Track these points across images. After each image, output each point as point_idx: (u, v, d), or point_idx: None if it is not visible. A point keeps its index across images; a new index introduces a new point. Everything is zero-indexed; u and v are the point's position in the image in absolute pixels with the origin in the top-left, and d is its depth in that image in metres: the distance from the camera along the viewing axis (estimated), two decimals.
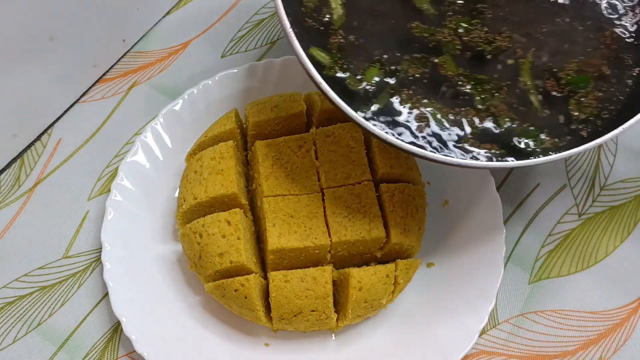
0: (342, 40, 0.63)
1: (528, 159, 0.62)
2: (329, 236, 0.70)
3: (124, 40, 0.92)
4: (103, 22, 0.86)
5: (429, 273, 0.77)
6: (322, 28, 0.63)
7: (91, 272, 0.79)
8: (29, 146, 0.86)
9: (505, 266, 0.76)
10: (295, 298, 0.68)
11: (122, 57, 0.93)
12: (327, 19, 0.63)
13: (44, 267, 0.79)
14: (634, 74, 0.65)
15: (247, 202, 0.76)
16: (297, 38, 0.59)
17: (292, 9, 0.61)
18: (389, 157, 0.75)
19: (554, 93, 0.64)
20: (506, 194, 0.83)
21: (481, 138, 0.63)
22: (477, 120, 0.63)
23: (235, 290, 0.69)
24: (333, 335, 0.74)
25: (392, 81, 0.62)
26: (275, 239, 0.69)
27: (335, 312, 0.70)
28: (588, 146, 0.60)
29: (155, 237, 0.78)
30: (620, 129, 0.60)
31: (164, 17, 0.96)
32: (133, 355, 0.74)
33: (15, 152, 0.85)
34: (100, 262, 0.75)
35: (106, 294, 0.75)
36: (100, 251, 0.75)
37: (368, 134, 0.74)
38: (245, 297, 0.68)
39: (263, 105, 0.79)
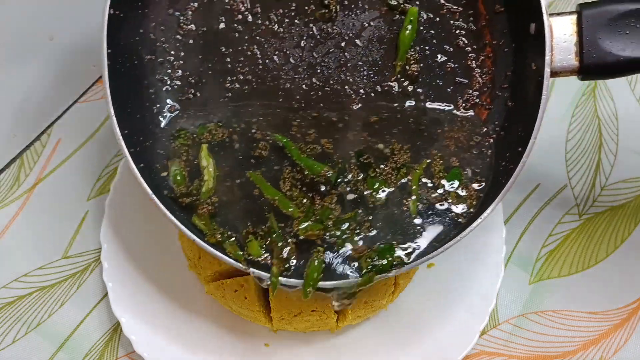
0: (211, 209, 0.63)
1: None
2: None
3: None
4: (103, 22, 0.86)
5: (429, 273, 0.77)
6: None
7: (91, 272, 0.79)
8: (28, 146, 0.86)
9: (505, 266, 0.76)
10: (295, 298, 0.68)
11: None
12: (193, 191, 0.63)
13: (43, 267, 0.79)
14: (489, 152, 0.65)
15: None
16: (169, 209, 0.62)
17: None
18: None
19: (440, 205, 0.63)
20: (506, 194, 0.83)
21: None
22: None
23: (235, 291, 0.68)
24: (333, 335, 0.74)
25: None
26: None
27: (335, 312, 0.70)
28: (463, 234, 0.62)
29: (155, 237, 0.78)
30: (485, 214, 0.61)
31: None
32: (133, 355, 0.74)
33: (14, 152, 0.85)
34: (100, 262, 0.75)
35: (106, 294, 0.75)
36: (100, 251, 0.75)
37: None
38: (245, 298, 0.68)
39: None
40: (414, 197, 0.63)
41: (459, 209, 0.63)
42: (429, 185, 0.63)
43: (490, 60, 0.66)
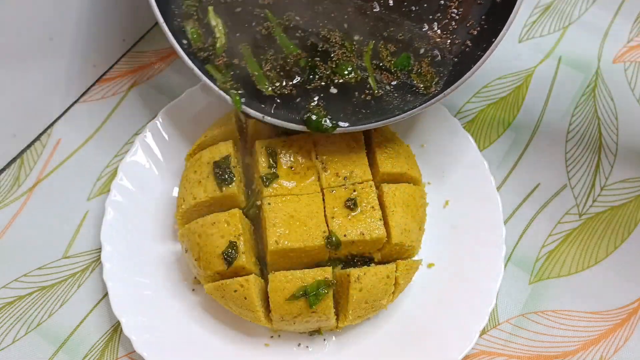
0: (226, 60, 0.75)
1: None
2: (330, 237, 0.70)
3: (123, 40, 0.92)
4: (103, 22, 0.86)
5: (429, 273, 0.77)
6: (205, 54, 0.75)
7: (91, 272, 0.79)
8: (28, 146, 0.86)
9: (505, 266, 0.76)
10: (295, 299, 0.68)
11: (122, 57, 0.93)
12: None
13: (43, 267, 0.79)
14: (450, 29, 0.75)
15: (246, 203, 0.75)
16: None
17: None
18: (389, 157, 0.75)
19: (393, 83, 0.74)
20: (506, 194, 0.83)
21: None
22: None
23: (235, 291, 0.68)
24: (333, 335, 0.74)
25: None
26: (275, 240, 0.69)
27: (335, 312, 0.70)
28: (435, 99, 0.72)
29: (154, 237, 0.78)
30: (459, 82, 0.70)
31: None
32: (133, 355, 0.74)
33: (15, 152, 0.85)
34: (100, 262, 0.75)
35: (106, 294, 0.75)
36: (100, 251, 0.75)
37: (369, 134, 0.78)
38: (245, 298, 0.68)
39: None
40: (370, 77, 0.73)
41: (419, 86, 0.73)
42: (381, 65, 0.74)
43: None
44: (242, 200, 0.75)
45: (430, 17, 0.75)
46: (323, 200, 0.72)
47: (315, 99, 0.72)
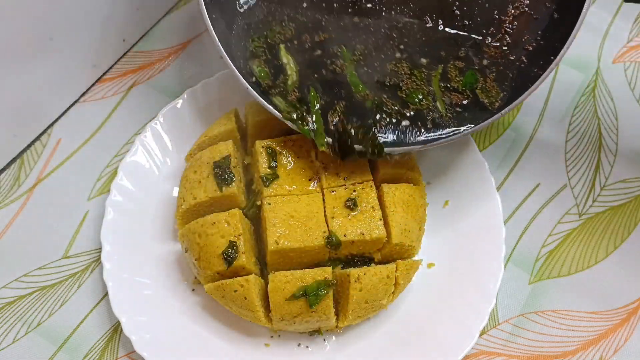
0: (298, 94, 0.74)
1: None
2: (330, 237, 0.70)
3: (124, 40, 0.92)
4: (103, 22, 0.86)
5: (429, 273, 0.77)
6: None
7: (91, 272, 0.79)
8: (28, 146, 0.86)
9: (505, 266, 0.76)
10: (295, 299, 0.68)
11: (122, 57, 0.93)
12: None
13: (43, 267, 0.79)
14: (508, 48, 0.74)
15: (246, 203, 0.75)
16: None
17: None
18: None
19: (464, 102, 0.73)
20: (506, 194, 0.83)
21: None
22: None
23: (235, 291, 0.68)
24: (333, 335, 0.74)
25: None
26: (275, 240, 0.69)
27: (335, 312, 0.70)
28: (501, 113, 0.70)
29: (154, 237, 0.78)
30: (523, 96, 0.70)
31: (164, 16, 0.96)
32: (133, 355, 0.74)
33: (15, 152, 0.85)
34: (100, 262, 0.75)
35: (106, 294, 0.75)
36: (100, 251, 0.75)
37: None
38: (245, 298, 0.68)
39: None
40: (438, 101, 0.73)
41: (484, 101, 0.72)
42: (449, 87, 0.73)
43: None
44: (242, 200, 0.75)
45: (484, 31, 0.74)
46: (323, 200, 0.72)
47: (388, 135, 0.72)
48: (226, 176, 0.73)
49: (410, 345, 0.72)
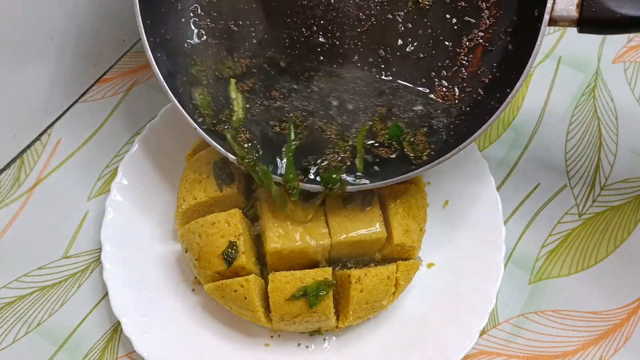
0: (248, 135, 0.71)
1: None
2: (329, 237, 0.70)
3: (124, 40, 0.92)
4: (103, 22, 0.86)
5: (429, 273, 0.77)
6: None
7: (91, 272, 0.79)
8: (28, 146, 0.86)
9: (505, 266, 0.76)
10: (295, 299, 0.68)
11: (122, 57, 0.93)
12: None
13: (43, 267, 0.79)
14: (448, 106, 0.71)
15: (246, 203, 0.75)
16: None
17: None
18: None
19: (392, 156, 0.70)
20: (506, 194, 0.83)
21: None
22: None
23: (235, 291, 0.68)
24: (334, 336, 0.74)
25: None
26: (275, 240, 0.69)
27: (335, 313, 0.70)
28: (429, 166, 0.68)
29: (154, 237, 0.78)
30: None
31: None
32: (133, 355, 0.74)
33: (15, 152, 0.85)
34: (100, 262, 0.75)
35: (106, 294, 0.75)
36: (100, 251, 0.75)
37: None
38: (245, 298, 0.68)
39: None
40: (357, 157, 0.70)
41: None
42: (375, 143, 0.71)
43: (499, 2, 0.70)
44: (242, 200, 0.75)
45: (440, 64, 0.72)
46: (323, 200, 0.72)
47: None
48: (226, 176, 0.73)
49: (410, 345, 0.72)
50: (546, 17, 0.63)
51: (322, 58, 0.73)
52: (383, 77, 0.73)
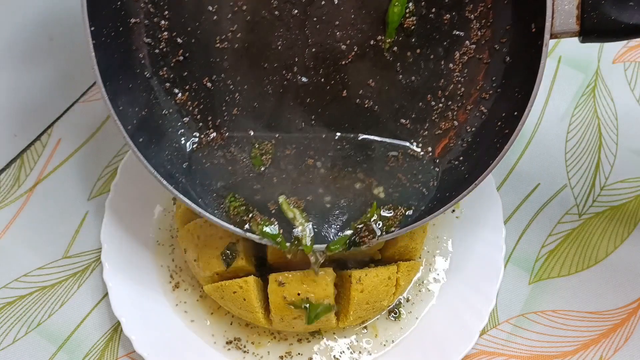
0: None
1: None
2: None
3: None
4: None
5: (429, 274, 0.77)
6: None
7: (91, 272, 0.79)
8: (28, 146, 0.86)
9: (505, 266, 0.76)
10: (295, 300, 0.68)
11: None
12: None
13: (43, 267, 0.79)
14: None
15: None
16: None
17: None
18: None
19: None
20: (506, 194, 0.83)
21: None
22: None
23: (234, 292, 0.68)
24: (333, 336, 0.74)
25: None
26: None
27: (335, 313, 0.70)
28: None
29: (154, 237, 0.78)
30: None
31: None
32: (133, 355, 0.74)
33: (15, 152, 0.85)
34: (100, 262, 0.75)
35: (106, 294, 0.75)
36: (100, 251, 0.75)
37: None
38: (244, 299, 0.68)
39: None
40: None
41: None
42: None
43: (489, 11, 0.65)
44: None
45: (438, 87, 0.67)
46: None
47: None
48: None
49: (410, 345, 0.72)
50: (547, 36, 0.58)
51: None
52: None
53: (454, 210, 0.80)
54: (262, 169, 0.68)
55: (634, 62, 0.93)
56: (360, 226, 0.65)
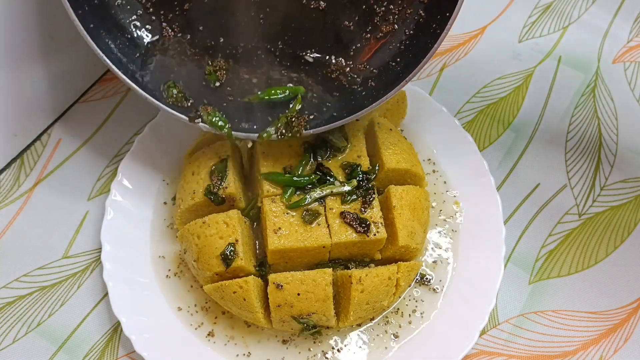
0: None
1: None
2: (330, 237, 0.70)
3: None
4: None
5: (430, 274, 0.77)
6: None
7: (91, 272, 0.79)
8: (28, 146, 0.86)
9: (505, 266, 0.76)
10: (295, 301, 0.68)
11: None
12: None
13: (43, 267, 0.79)
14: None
15: (246, 203, 0.75)
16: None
17: None
18: (394, 153, 0.75)
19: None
20: (506, 194, 0.83)
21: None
22: None
23: (234, 292, 0.68)
24: (334, 336, 0.74)
25: None
26: (276, 239, 0.69)
27: (335, 313, 0.70)
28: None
29: (154, 237, 0.78)
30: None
31: None
32: (133, 355, 0.74)
33: (15, 152, 0.85)
34: (100, 262, 0.75)
35: (106, 294, 0.75)
36: (100, 251, 0.75)
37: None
38: (244, 299, 0.68)
39: None
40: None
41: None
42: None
43: None
44: (241, 200, 0.75)
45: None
46: (324, 200, 0.72)
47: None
48: (224, 177, 0.73)
49: (411, 345, 0.72)
50: None
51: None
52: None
53: (454, 214, 0.80)
54: (217, 83, 0.74)
55: (634, 62, 0.93)
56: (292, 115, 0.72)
